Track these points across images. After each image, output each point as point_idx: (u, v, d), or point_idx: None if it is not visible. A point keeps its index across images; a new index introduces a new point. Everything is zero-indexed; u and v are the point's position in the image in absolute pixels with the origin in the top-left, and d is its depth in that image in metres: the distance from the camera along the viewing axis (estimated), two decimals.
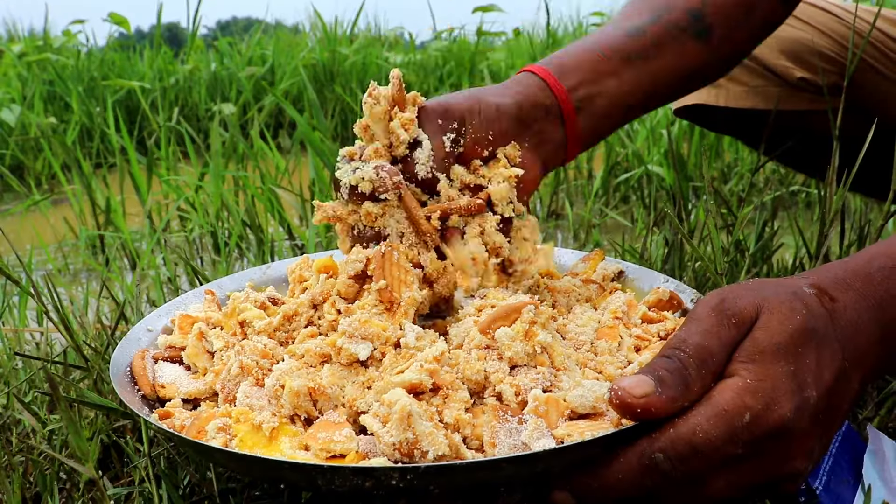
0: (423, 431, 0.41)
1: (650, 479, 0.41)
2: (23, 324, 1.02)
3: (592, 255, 0.71)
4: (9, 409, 0.69)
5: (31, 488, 0.57)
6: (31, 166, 2.27)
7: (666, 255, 0.91)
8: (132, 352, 0.55)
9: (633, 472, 0.41)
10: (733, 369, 0.43)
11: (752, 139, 1.13)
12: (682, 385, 0.41)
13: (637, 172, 1.74)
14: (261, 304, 0.59)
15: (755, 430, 0.41)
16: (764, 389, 0.41)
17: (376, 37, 3.87)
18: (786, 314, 0.44)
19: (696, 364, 0.42)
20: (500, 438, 0.43)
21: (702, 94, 1.07)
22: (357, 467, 0.39)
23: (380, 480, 0.39)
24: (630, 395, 0.41)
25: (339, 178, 0.56)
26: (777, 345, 0.42)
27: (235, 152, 1.82)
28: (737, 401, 0.41)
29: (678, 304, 0.60)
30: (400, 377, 0.45)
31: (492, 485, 0.42)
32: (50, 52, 2.95)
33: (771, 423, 0.41)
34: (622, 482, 0.41)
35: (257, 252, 1.32)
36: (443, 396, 0.45)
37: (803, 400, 0.42)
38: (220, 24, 5.01)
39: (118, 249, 1.47)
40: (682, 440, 0.40)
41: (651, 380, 0.41)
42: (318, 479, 0.40)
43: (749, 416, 0.40)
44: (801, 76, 0.99)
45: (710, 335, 0.43)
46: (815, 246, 0.78)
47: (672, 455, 0.40)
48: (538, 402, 0.44)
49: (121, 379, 0.51)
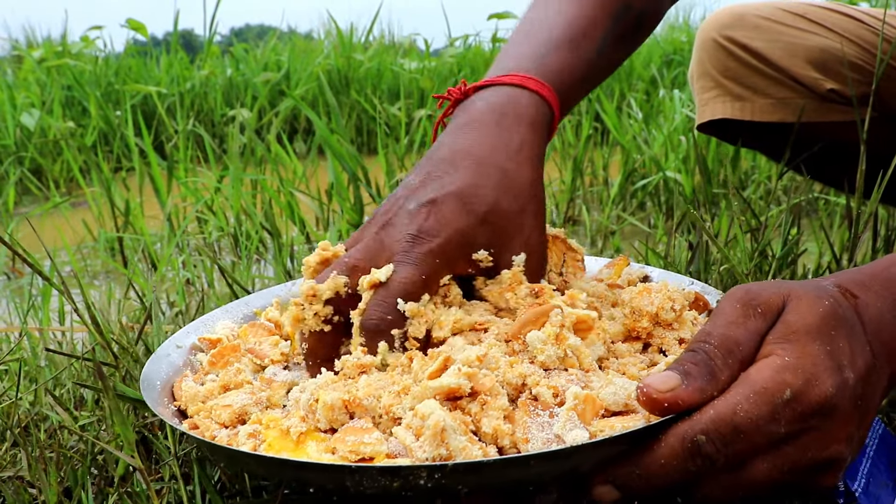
0: (458, 447, 0.40)
1: (693, 463, 0.40)
2: (46, 323, 1.02)
3: (617, 260, 0.71)
4: (36, 406, 0.69)
5: (62, 482, 0.57)
6: (51, 169, 2.28)
7: (690, 258, 0.90)
8: (162, 367, 0.56)
9: (677, 456, 0.40)
10: (768, 350, 0.42)
11: (776, 152, 1.11)
12: (708, 375, 0.41)
13: (655, 179, 1.73)
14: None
15: (797, 407, 0.40)
16: (803, 366, 0.40)
17: (391, 44, 3.89)
18: (813, 301, 0.43)
19: (721, 354, 0.42)
20: (533, 433, 0.42)
21: (726, 108, 1.06)
22: (384, 467, 0.39)
23: (407, 480, 0.39)
24: (656, 390, 0.41)
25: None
26: (810, 326, 0.42)
27: (253, 156, 1.83)
28: (776, 378, 0.40)
29: (704, 306, 0.60)
30: (437, 382, 0.44)
31: (524, 483, 0.41)
32: (68, 58, 2.98)
33: (813, 400, 0.40)
34: (665, 468, 0.40)
35: (276, 255, 1.33)
36: (481, 403, 0.44)
37: (843, 380, 0.41)
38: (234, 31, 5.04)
39: (138, 251, 1.48)
40: (724, 420, 0.40)
41: (677, 374, 0.41)
42: (347, 480, 0.39)
43: (790, 393, 0.40)
44: (832, 87, 0.98)
45: (736, 325, 0.43)
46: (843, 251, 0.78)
47: (715, 437, 0.39)
48: (577, 399, 0.43)
49: (151, 394, 0.51)
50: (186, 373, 0.57)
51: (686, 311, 0.54)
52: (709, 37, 1.07)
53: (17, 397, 0.65)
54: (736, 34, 1.04)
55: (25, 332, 0.89)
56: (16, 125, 2.36)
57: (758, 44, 1.02)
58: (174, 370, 0.57)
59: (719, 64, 1.06)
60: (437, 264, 0.50)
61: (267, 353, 0.59)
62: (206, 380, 0.54)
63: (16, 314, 1.11)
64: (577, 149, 1.89)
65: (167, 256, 1.28)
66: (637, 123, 2.15)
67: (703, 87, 1.08)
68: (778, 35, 1.02)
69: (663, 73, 3.28)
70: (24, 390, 0.71)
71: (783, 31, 1.01)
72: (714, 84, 1.07)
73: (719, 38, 1.05)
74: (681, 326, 0.53)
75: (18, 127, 2.36)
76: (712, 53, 1.07)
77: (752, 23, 1.04)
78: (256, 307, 0.68)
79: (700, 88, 1.09)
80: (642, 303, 0.53)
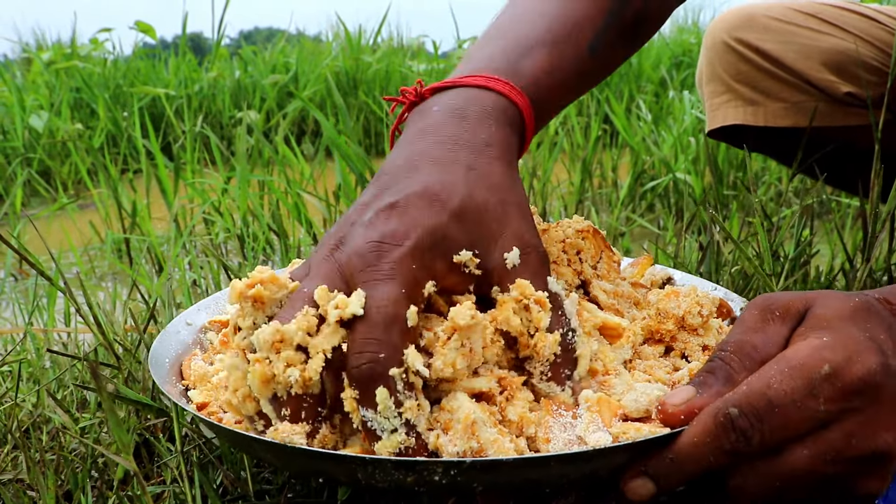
0: (489, 439, 0.39)
1: (728, 440, 0.37)
2: (51, 324, 1.02)
3: (641, 260, 0.70)
4: (38, 408, 0.69)
5: (62, 486, 0.56)
6: (59, 171, 2.29)
7: (700, 258, 0.89)
8: (171, 344, 0.55)
9: (709, 432, 0.38)
10: (802, 335, 0.40)
11: (786, 156, 1.09)
12: (723, 381, 0.40)
13: (665, 180, 1.72)
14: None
15: (837, 383, 0.37)
16: (844, 344, 0.38)
17: (399, 46, 3.89)
18: (842, 298, 0.42)
19: (738, 358, 0.41)
20: (555, 433, 0.41)
21: (738, 114, 1.03)
22: (399, 460, 0.37)
23: (422, 475, 0.37)
24: (671, 405, 0.40)
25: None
26: (843, 314, 0.40)
27: (261, 157, 1.83)
28: (815, 355, 0.38)
29: (728, 312, 0.59)
30: (469, 382, 0.42)
31: (541, 484, 0.40)
32: (77, 60, 2.98)
33: (856, 375, 0.37)
34: (698, 446, 0.38)
35: (283, 256, 1.32)
36: (507, 396, 0.43)
37: (886, 362, 0.38)
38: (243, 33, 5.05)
39: (144, 252, 1.48)
40: (757, 393, 0.37)
41: (692, 387, 0.41)
42: (359, 473, 0.38)
43: (829, 368, 0.37)
44: (848, 91, 0.95)
45: (753, 330, 0.42)
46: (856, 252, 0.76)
47: (748, 411, 0.37)
48: (589, 402, 0.42)
49: (159, 371, 0.50)
50: (196, 351, 0.56)
51: (713, 318, 0.53)
52: (718, 39, 1.04)
53: (17, 399, 0.65)
54: (747, 36, 1.02)
55: (29, 333, 0.89)
56: (24, 127, 2.37)
57: (770, 46, 1.00)
58: (184, 348, 0.56)
59: (730, 67, 1.03)
60: (415, 271, 0.41)
61: None
62: (215, 359, 0.53)
63: (21, 315, 1.11)
64: (586, 150, 1.87)
65: (173, 257, 1.27)
66: (646, 125, 2.14)
67: (714, 91, 1.06)
68: (791, 36, 0.99)
69: (672, 75, 3.26)
70: (26, 392, 0.70)
71: (796, 33, 0.99)
72: (725, 88, 1.04)
73: (729, 39, 1.03)
74: (706, 333, 0.51)
75: (27, 129, 2.37)
76: (722, 56, 1.04)
77: (762, 24, 1.01)
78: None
79: (710, 93, 1.07)
80: (669, 305, 0.52)
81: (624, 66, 3.33)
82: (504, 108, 0.51)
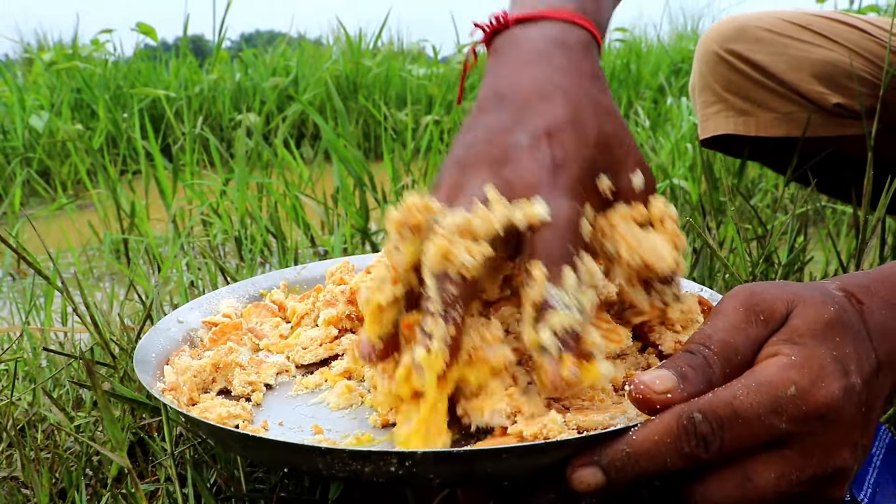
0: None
1: (688, 443, 0.38)
2: (48, 323, 1.02)
3: None
4: (34, 406, 0.69)
5: (57, 484, 0.56)
6: (58, 171, 2.29)
7: (693, 263, 0.89)
8: (160, 340, 0.55)
9: (671, 433, 0.38)
10: (773, 350, 0.40)
11: (780, 165, 1.10)
12: (704, 383, 0.40)
13: (662, 186, 1.72)
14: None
15: (801, 405, 0.38)
16: (810, 367, 0.39)
17: (399, 51, 3.90)
18: (819, 306, 0.42)
19: (720, 362, 0.41)
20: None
21: (730, 124, 1.04)
22: (355, 451, 0.38)
23: (378, 465, 0.38)
24: (651, 390, 0.39)
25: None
26: (815, 331, 0.41)
27: (260, 160, 1.83)
28: (781, 374, 0.39)
29: (708, 310, 0.59)
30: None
31: (497, 477, 0.40)
32: (78, 61, 2.99)
33: (819, 401, 0.38)
34: (658, 445, 0.38)
35: (281, 258, 1.33)
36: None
37: (850, 385, 0.39)
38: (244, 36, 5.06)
39: (142, 253, 1.48)
40: (722, 402, 0.38)
41: (673, 375, 0.40)
42: (319, 462, 0.39)
43: (795, 390, 0.38)
44: (838, 102, 0.96)
45: (737, 331, 0.42)
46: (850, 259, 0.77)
47: (711, 418, 0.38)
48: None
49: (144, 365, 0.50)
50: (184, 347, 0.56)
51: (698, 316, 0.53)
52: (710, 49, 1.05)
53: (13, 397, 0.65)
54: (738, 47, 1.02)
55: (26, 332, 0.89)
56: (24, 127, 2.38)
57: (761, 57, 1.00)
58: (173, 344, 0.57)
59: (721, 77, 1.04)
60: (581, 192, 0.47)
61: (267, 334, 0.59)
62: (203, 356, 0.54)
63: (18, 314, 1.12)
64: None
65: (171, 258, 1.28)
66: (644, 131, 2.14)
67: (706, 101, 1.07)
68: (782, 48, 1.00)
69: (671, 82, 3.27)
70: (22, 390, 0.71)
71: (787, 44, 1.00)
72: (716, 98, 1.05)
73: (721, 50, 1.03)
74: (683, 331, 0.52)
75: (27, 129, 2.38)
76: (714, 67, 1.05)
77: (754, 35, 1.02)
78: (263, 288, 0.68)
79: (702, 103, 1.07)
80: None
81: (623, 72, 3.35)
82: (589, 42, 0.55)
